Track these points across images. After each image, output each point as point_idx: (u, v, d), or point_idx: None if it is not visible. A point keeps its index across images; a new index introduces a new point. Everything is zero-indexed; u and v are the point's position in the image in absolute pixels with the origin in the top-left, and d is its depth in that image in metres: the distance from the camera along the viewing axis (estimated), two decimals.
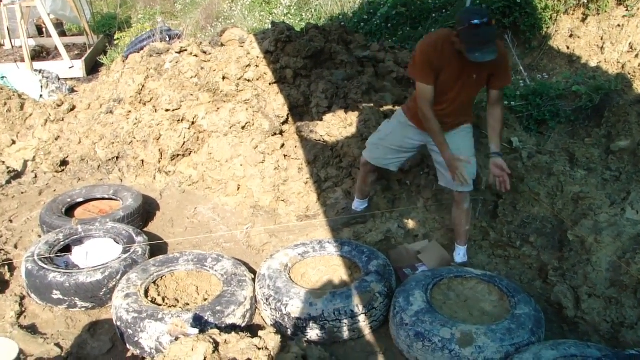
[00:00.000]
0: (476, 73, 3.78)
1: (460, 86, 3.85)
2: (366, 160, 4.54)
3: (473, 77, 3.80)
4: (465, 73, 3.78)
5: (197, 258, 4.12)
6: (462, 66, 3.72)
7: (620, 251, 3.96)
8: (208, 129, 6.13)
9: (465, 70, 3.76)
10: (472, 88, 3.95)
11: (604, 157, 4.84)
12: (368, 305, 3.66)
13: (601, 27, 6.65)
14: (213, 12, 15.72)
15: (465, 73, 3.78)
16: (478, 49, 3.49)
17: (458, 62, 3.71)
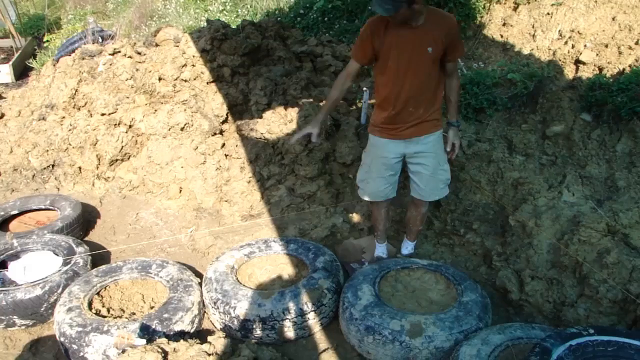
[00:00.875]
0: (430, 45, 3.57)
1: (416, 62, 3.63)
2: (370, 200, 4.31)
3: (428, 50, 3.58)
4: (419, 45, 3.57)
5: (141, 265, 4.04)
6: (413, 38, 3.54)
7: (559, 233, 4.08)
8: (146, 132, 6.00)
9: (419, 42, 3.56)
10: (430, 64, 3.67)
11: (540, 142, 4.96)
12: (317, 303, 3.66)
13: (532, 16, 6.81)
14: (147, 10, 15.39)
15: (418, 46, 3.57)
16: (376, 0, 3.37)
17: (409, 34, 3.53)
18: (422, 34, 3.53)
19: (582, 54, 5.82)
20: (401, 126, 3.86)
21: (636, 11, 5.90)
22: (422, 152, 3.93)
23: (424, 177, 4.01)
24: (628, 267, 3.61)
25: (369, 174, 4.13)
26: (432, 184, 4.04)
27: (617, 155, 4.50)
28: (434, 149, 3.92)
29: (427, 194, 4.10)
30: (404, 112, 3.79)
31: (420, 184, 4.05)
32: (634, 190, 4.23)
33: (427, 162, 3.95)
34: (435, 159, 3.95)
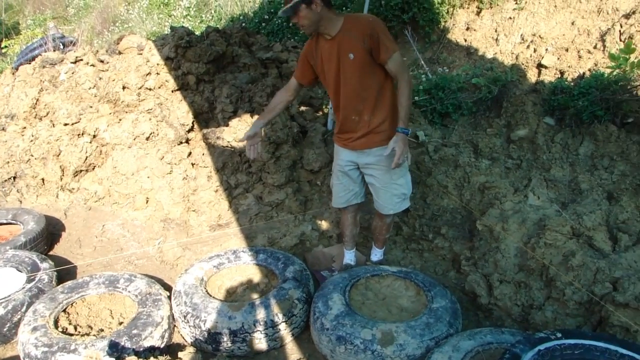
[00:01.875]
0: (351, 51, 3.58)
1: (345, 72, 3.64)
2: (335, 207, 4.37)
3: (349, 56, 3.59)
4: (340, 55, 3.61)
5: (109, 280, 3.97)
6: (334, 48, 3.61)
7: (526, 237, 4.14)
8: (111, 142, 5.91)
9: (338, 52, 3.61)
10: (357, 70, 3.63)
11: (505, 146, 5.04)
12: (287, 313, 3.65)
13: (494, 20, 6.92)
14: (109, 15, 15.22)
15: (340, 54, 3.61)
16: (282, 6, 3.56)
17: (329, 47, 3.64)
18: (340, 41, 3.59)
19: (544, 57, 5.93)
20: (351, 136, 3.88)
21: (594, 16, 6.03)
22: (372, 164, 3.91)
23: (376, 189, 4.03)
24: (592, 269, 3.68)
25: (333, 180, 4.24)
26: (385, 197, 4.02)
27: (580, 158, 4.60)
28: (386, 163, 3.80)
29: (381, 207, 4.10)
30: (348, 121, 3.84)
31: (375, 195, 4.08)
32: (596, 193, 4.33)
33: (378, 175, 3.94)
34: (388, 173, 3.88)
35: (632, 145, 4.32)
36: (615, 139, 4.43)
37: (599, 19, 6.01)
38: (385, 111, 3.79)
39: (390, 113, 3.79)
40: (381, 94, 3.75)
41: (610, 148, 4.44)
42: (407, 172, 4.03)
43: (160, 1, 14.04)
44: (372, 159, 3.89)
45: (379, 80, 3.71)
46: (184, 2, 13.10)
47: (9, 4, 18.70)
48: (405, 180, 4.02)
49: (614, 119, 4.50)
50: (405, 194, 4.06)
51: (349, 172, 4.07)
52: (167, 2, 13.91)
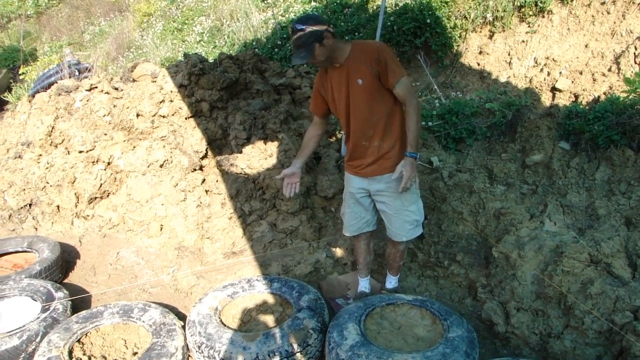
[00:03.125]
0: (360, 77, 3.62)
1: (355, 98, 3.68)
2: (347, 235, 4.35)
3: (358, 82, 3.63)
4: (349, 81, 3.66)
5: (123, 309, 3.96)
6: (343, 75, 3.66)
7: (543, 264, 4.09)
8: (125, 169, 5.95)
9: (349, 78, 3.65)
10: (366, 95, 3.66)
11: (520, 171, 5.00)
12: (302, 343, 3.61)
13: (507, 43, 6.92)
14: (124, 41, 15.41)
15: (350, 80, 3.66)
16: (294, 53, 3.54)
17: (337, 75, 3.69)
18: (349, 68, 3.63)
19: (558, 81, 5.91)
20: (362, 162, 3.88)
21: (607, 38, 6.01)
22: (383, 191, 3.90)
23: (388, 216, 4.01)
24: (612, 297, 3.62)
25: (345, 209, 4.22)
26: (398, 224, 4.00)
27: (596, 183, 4.55)
28: (396, 189, 3.76)
29: (394, 234, 4.08)
30: (359, 147, 3.84)
31: (387, 223, 4.07)
32: (614, 219, 4.27)
33: (390, 201, 3.92)
34: (399, 199, 3.87)
35: None
36: (632, 164, 4.38)
37: (613, 42, 5.99)
38: (394, 137, 3.79)
39: (399, 138, 3.79)
40: (390, 119, 3.75)
41: (628, 173, 4.39)
42: (418, 198, 4.01)
43: (174, 27, 14.19)
44: (383, 185, 3.87)
45: (388, 106, 3.72)
46: (198, 28, 13.23)
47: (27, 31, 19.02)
48: (417, 206, 4.00)
49: (631, 144, 4.45)
50: (418, 221, 4.03)
51: (361, 200, 4.06)
52: (181, 28, 14.06)
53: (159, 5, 16.12)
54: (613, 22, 6.11)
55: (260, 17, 11.41)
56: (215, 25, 12.84)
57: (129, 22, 16.51)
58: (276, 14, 10.99)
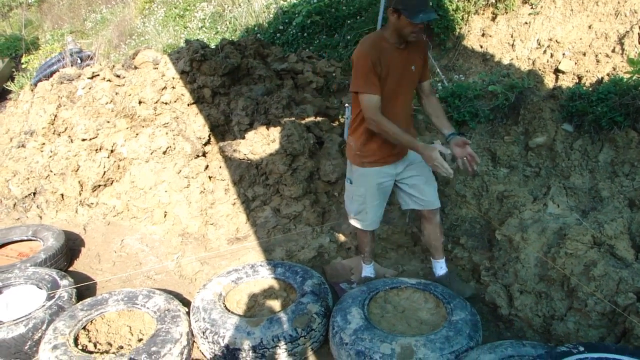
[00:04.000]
0: (414, 64, 3.71)
1: (406, 82, 3.74)
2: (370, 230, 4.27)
3: (412, 69, 3.71)
4: (407, 65, 3.69)
5: (128, 296, 3.98)
6: (402, 59, 3.64)
7: (546, 246, 4.08)
8: (128, 156, 5.96)
9: (407, 63, 3.67)
10: (414, 82, 3.82)
11: (523, 153, 4.98)
12: (306, 328, 3.63)
13: (510, 25, 6.86)
14: (126, 29, 15.35)
15: (407, 66, 3.69)
16: (421, 9, 3.37)
17: (399, 56, 3.63)
18: (407, 54, 3.67)
19: (561, 63, 5.87)
20: (390, 149, 3.84)
21: (611, 19, 5.95)
22: (410, 163, 3.95)
23: (419, 187, 4.02)
24: (615, 278, 3.61)
25: (365, 205, 4.07)
26: (432, 191, 4.07)
27: (599, 165, 4.53)
28: (419, 157, 3.80)
29: (431, 203, 4.08)
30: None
31: (421, 195, 4.04)
32: (617, 200, 4.25)
33: (420, 171, 3.98)
34: (425, 166, 3.86)
35: None
36: (635, 145, 4.35)
37: (617, 22, 5.93)
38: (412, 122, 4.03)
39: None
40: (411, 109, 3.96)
41: (631, 154, 4.36)
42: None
43: (176, 13, 14.12)
44: (409, 159, 3.95)
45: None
46: (199, 14, 13.16)
47: (28, 19, 18.97)
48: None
49: (634, 125, 4.42)
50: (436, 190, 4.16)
51: (387, 189, 4.05)
52: (183, 14, 13.99)
53: None
54: (617, 2, 6.04)
55: (262, 2, 11.33)
56: (217, 10, 12.76)
57: (131, 9, 16.43)
58: None
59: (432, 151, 3.50)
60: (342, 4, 8.73)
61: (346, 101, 6.26)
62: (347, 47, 7.73)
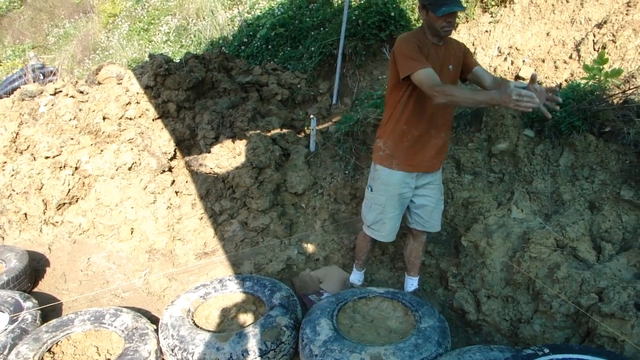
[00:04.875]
0: (451, 63, 3.65)
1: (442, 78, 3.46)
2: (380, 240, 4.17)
3: (449, 68, 3.65)
4: (445, 64, 3.63)
5: (94, 316, 3.92)
6: (440, 56, 3.59)
7: (511, 251, 4.15)
8: (93, 173, 5.89)
9: (444, 61, 3.62)
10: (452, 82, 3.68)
11: (487, 160, 5.05)
12: (276, 341, 3.62)
13: (471, 34, 6.97)
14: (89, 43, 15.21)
15: (444, 64, 3.62)
16: (444, 2, 3.34)
17: (435, 52, 3.57)
18: (445, 51, 3.63)
19: (521, 69, 5.96)
20: (424, 154, 3.77)
21: (567, 26, 6.09)
22: (429, 183, 3.93)
23: (428, 209, 4.01)
24: (578, 280, 3.70)
25: (384, 214, 3.96)
26: (437, 215, 4.08)
27: (560, 169, 4.61)
28: (439, 180, 3.96)
29: (433, 226, 4.11)
30: (425, 136, 3.72)
31: (424, 215, 4.03)
32: (578, 203, 4.34)
33: (433, 194, 3.97)
34: (439, 190, 3.98)
35: (610, 154, 4.34)
36: (594, 149, 4.45)
37: (573, 29, 6.07)
38: (450, 129, 3.91)
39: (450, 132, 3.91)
40: (451, 115, 3.87)
41: (590, 158, 4.46)
42: None
43: (140, 27, 14.06)
44: (431, 178, 3.93)
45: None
46: (164, 27, 13.12)
47: None
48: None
49: (592, 129, 4.51)
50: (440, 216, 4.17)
51: (406, 201, 3.97)
52: (147, 28, 13.94)
53: (124, 6, 15.94)
54: (572, 11, 6.19)
55: (227, 15, 11.35)
56: (181, 24, 12.75)
57: (94, 24, 16.30)
58: (242, 12, 10.94)
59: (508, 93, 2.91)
60: (305, 16, 8.78)
61: (311, 112, 6.30)
62: (312, 58, 7.77)
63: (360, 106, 6.35)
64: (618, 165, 4.30)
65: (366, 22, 7.31)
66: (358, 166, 5.39)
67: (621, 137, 4.27)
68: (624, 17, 5.49)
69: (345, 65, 7.54)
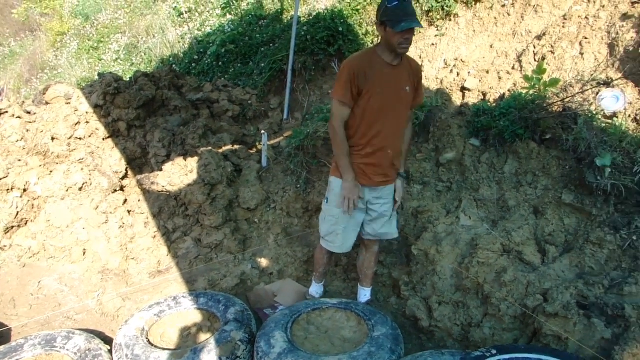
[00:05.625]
0: (409, 85, 3.72)
1: (397, 102, 3.72)
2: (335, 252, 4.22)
3: (406, 89, 3.73)
4: (400, 85, 3.70)
5: (45, 340, 3.85)
6: (394, 77, 3.65)
7: (460, 257, 4.27)
8: (43, 195, 5.79)
9: (399, 82, 3.69)
10: (407, 104, 3.83)
11: (435, 169, 5.17)
12: (231, 356, 3.63)
13: (418, 47, 7.14)
14: (37, 62, 14.98)
15: (399, 85, 3.70)
16: (404, 19, 3.40)
17: (390, 73, 3.63)
18: (401, 73, 3.69)
19: (467, 81, 6.14)
20: (380, 171, 3.88)
21: (510, 38, 6.31)
22: (383, 196, 4.00)
23: (383, 219, 4.08)
24: (524, 282, 3.83)
25: (337, 226, 4.02)
26: (393, 224, 4.16)
27: (505, 176, 4.76)
28: (392, 195, 4.06)
29: (389, 235, 4.18)
30: (381, 154, 3.82)
31: (378, 228, 4.10)
32: (523, 209, 4.49)
33: (387, 206, 4.05)
34: (392, 202, 4.08)
35: (551, 160, 4.51)
36: (536, 156, 4.61)
37: (515, 41, 6.29)
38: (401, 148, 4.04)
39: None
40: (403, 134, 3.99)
41: (533, 164, 4.62)
42: None
43: (90, 46, 13.90)
44: (383, 193, 4.00)
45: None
46: (114, 45, 13.01)
47: None
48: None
49: (534, 137, 4.68)
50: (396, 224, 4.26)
51: (361, 214, 4.03)
52: (97, 46, 13.79)
53: (72, 24, 15.73)
54: (514, 23, 6.42)
55: (177, 33, 11.34)
56: (131, 42, 12.66)
57: (42, 42, 16.05)
58: (192, 29, 10.95)
59: (353, 190, 3.78)
60: (256, 32, 8.85)
61: (263, 128, 6.35)
62: (262, 74, 7.83)
63: (310, 120, 6.43)
64: (559, 170, 4.47)
65: (315, 38, 7.42)
66: (310, 180, 5.45)
67: (561, 144, 4.44)
68: (560, 29, 5.73)
69: (295, 80, 7.63)
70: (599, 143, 4.22)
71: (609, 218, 4.07)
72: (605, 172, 4.03)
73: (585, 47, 5.48)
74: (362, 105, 3.67)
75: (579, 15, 5.68)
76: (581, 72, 5.19)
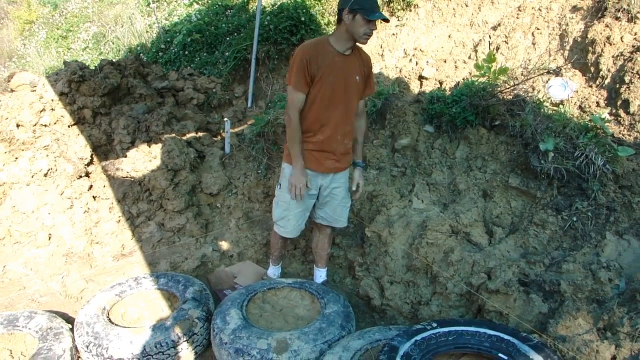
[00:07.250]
0: (359, 74, 3.85)
1: (348, 91, 3.84)
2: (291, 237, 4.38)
3: (356, 79, 3.85)
4: (350, 74, 3.81)
5: (7, 320, 3.95)
6: (345, 66, 3.76)
7: (410, 239, 4.45)
8: (8, 181, 5.85)
9: (349, 71, 3.80)
10: (357, 93, 3.94)
11: (390, 155, 5.35)
12: (188, 332, 3.78)
13: (380, 37, 7.30)
14: (4, 51, 14.82)
15: (350, 74, 3.81)
16: (376, 9, 3.54)
17: (340, 62, 3.74)
18: (352, 62, 3.82)
19: (424, 70, 6.32)
20: (333, 157, 4.01)
21: (467, 29, 6.50)
22: (335, 182, 4.15)
23: (334, 206, 4.26)
24: (470, 262, 4.03)
25: (288, 211, 4.16)
26: (344, 212, 4.33)
27: (457, 161, 4.96)
28: (346, 179, 4.22)
29: (338, 222, 4.35)
30: (333, 141, 3.94)
31: (330, 212, 4.28)
32: (472, 192, 4.70)
33: (340, 192, 4.21)
34: (345, 188, 4.24)
35: (500, 145, 4.71)
36: (485, 141, 4.81)
37: (472, 32, 6.48)
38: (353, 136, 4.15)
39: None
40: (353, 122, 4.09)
41: (482, 150, 4.82)
42: None
43: (58, 34, 13.82)
44: (337, 181, 4.15)
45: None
46: (83, 35, 12.96)
47: None
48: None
49: (484, 123, 4.88)
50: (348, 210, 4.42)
51: (312, 199, 4.18)
52: (66, 35, 13.72)
53: (41, 12, 15.60)
54: (471, 14, 6.61)
55: (145, 22, 11.36)
56: (100, 31, 12.64)
57: (10, 30, 15.87)
58: (160, 18, 10.98)
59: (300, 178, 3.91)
60: (222, 22, 8.94)
61: (227, 116, 6.47)
62: (227, 63, 7.93)
63: (272, 108, 6.57)
64: (507, 155, 4.68)
65: (278, 27, 7.54)
66: (270, 166, 5.61)
67: (509, 130, 4.64)
68: (515, 20, 5.93)
69: (259, 69, 7.76)
70: (544, 129, 4.43)
71: (552, 200, 4.28)
72: (548, 157, 4.24)
73: (537, 37, 5.69)
74: (313, 93, 3.80)
75: (532, 7, 5.89)
76: (532, 62, 5.40)
